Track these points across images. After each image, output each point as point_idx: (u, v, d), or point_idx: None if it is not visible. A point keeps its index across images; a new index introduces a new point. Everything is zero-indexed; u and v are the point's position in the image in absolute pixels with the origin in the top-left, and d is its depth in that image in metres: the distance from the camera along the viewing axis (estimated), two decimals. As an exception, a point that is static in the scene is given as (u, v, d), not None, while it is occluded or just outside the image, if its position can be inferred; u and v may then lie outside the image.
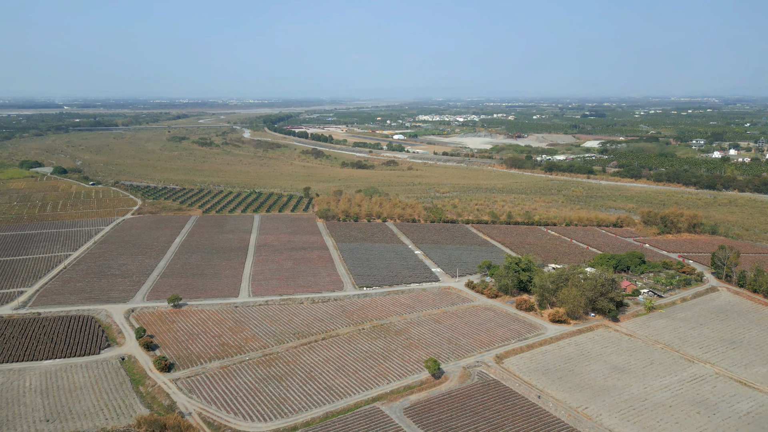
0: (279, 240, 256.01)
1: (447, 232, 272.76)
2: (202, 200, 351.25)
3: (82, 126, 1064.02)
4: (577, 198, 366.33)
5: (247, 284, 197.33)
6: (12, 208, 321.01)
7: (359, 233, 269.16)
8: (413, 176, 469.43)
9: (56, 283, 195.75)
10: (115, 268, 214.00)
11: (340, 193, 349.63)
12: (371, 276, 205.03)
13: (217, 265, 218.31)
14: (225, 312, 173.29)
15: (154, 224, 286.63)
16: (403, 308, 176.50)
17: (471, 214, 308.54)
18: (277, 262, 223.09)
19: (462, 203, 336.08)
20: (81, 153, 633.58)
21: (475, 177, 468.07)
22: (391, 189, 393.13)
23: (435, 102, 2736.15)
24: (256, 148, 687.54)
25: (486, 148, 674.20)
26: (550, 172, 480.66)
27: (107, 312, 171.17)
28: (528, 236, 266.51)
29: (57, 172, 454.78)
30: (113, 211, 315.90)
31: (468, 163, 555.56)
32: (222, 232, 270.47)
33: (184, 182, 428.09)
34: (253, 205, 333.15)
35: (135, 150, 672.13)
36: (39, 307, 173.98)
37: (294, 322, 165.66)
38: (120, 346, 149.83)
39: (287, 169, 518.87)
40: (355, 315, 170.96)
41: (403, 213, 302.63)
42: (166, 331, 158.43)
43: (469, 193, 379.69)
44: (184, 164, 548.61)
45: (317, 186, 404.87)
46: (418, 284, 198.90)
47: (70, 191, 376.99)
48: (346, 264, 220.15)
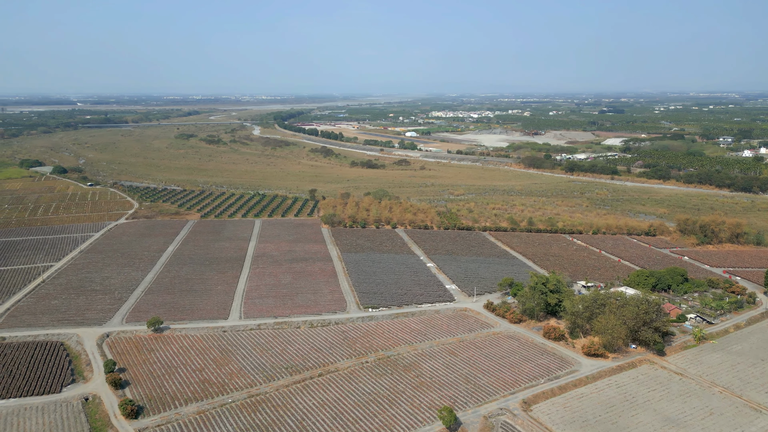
0: (279, 249, 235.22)
1: (462, 241, 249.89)
2: (203, 203, 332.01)
3: (92, 123, 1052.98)
4: (602, 201, 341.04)
5: (240, 303, 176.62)
6: (1, 212, 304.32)
7: (366, 242, 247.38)
8: (426, 176, 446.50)
9: (30, 300, 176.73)
10: (97, 282, 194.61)
11: (348, 196, 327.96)
12: (378, 294, 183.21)
13: (209, 279, 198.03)
14: (211, 338, 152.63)
15: (148, 230, 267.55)
16: (413, 335, 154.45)
17: (488, 219, 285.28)
18: (274, 275, 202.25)
19: (478, 207, 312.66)
20: (86, 151, 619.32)
21: (491, 177, 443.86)
22: (402, 191, 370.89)
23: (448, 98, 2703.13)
24: (264, 146, 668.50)
25: (502, 145, 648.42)
26: (571, 172, 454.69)
27: (79, 337, 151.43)
28: (552, 246, 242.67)
29: (56, 172, 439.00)
30: (107, 215, 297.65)
31: (483, 162, 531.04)
32: (218, 240, 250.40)
33: (186, 182, 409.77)
34: (255, 209, 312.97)
35: (141, 148, 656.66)
36: (5, 330, 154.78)
37: (288, 352, 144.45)
38: (86, 383, 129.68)
39: (294, 168, 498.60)
40: (358, 343, 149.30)
41: (415, 218, 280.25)
42: (141, 363, 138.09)
43: (486, 196, 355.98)
44: (188, 163, 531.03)
45: (324, 187, 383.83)
46: (431, 305, 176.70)
47: (66, 192, 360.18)
48: (350, 279, 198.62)
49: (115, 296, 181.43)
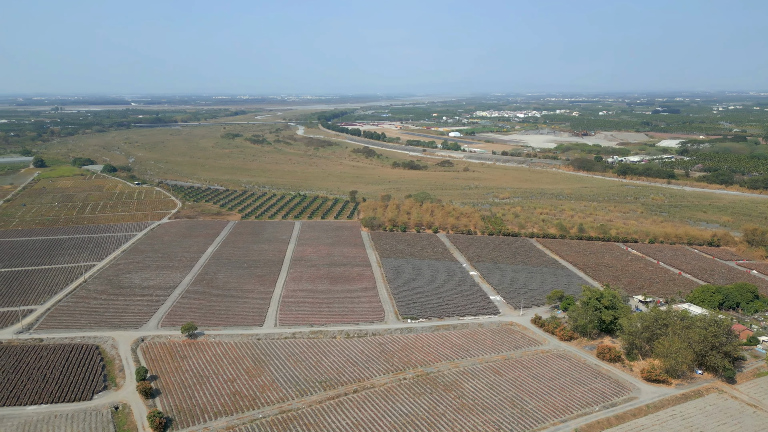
0: (317, 253, 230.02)
1: (508, 248, 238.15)
2: (244, 203, 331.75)
3: (143, 122, 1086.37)
4: (659, 207, 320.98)
5: (275, 309, 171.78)
6: (51, 209, 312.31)
7: (407, 246, 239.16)
8: (469, 178, 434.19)
9: (70, 301, 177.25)
10: (136, 283, 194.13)
11: (388, 198, 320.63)
12: (418, 304, 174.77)
13: (246, 283, 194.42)
14: (245, 346, 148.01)
15: (189, 230, 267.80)
16: (454, 351, 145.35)
17: (535, 225, 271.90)
18: (312, 280, 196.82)
19: (525, 212, 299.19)
20: (136, 150, 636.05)
21: (539, 180, 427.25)
22: (445, 193, 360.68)
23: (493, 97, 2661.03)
24: (307, 146, 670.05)
25: (549, 146, 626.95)
26: (624, 175, 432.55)
27: (114, 341, 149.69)
28: (605, 255, 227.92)
29: (106, 171, 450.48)
30: (151, 215, 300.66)
31: (530, 164, 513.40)
32: (258, 242, 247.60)
33: (229, 182, 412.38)
34: (296, 210, 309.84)
35: (188, 147, 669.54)
36: (43, 332, 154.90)
37: (322, 364, 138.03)
38: (117, 390, 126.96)
39: (336, 168, 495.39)
40: (395, 358, 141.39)
41: (458, 223, 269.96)
42: (173, 371, 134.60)
43: (533, 199, 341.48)
44: (233, 162, 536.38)
45: (365, 188, 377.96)
46: (474, 317, 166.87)
47: (113, 191, 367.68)
48: (389, 286, 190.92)
49: (153, 298, 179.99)
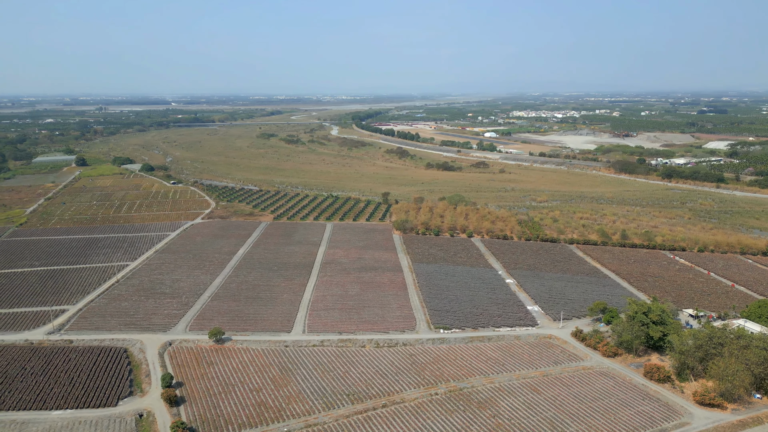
0: (348, 256, 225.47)
1: (546, 255, 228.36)
2: (276, 204, 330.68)
3: (182, 122, 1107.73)
4: (708, 213, 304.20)
5: (304, 315, 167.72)
6: (90, 208, 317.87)
7: (440, 251, 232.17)
8: (505, 180, 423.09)
9: (102, 302, 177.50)
10: (167, 284, 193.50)
11: (422, 200, 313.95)
12: (451, 312, 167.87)
13: (276, 287, 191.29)
14: (272, 353, 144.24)
15: (222, 231, 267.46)
16: (489, 365, 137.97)
17: (575, 230, 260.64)
18: (342, 285, 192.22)
19: (564, 216, 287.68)
20: (173, 149, 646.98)
21: (578, 182, 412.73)
22: (480, 195, 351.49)
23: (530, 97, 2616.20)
24: (340, 147, 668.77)
25: (589, 148, 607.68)
26: (669, 178, 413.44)
27: (142, 344, 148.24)
28: (650, 265, 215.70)
29: (144, 170, 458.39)
30: (185, 214, 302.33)
31: (569, 166, 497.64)
32: (289, 244, 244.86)
33: (263, 182, 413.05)
34: (328, 212, 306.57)
35: (224, 147, 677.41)
36: (74, 333, 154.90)
37: (350, 375, 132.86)
38: (142, 396, 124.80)
39: (369, 169, 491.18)
40: (427, 370, 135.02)
41: (493, 227, 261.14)
42: (199, 378, 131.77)
43: (572, 203, 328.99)
44: (267, 162, 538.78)
45: (398, 190, 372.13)
46: (510, 328, 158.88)
47: (150, 190, 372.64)
48: (421, 293, 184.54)
49: (182, 301, 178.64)
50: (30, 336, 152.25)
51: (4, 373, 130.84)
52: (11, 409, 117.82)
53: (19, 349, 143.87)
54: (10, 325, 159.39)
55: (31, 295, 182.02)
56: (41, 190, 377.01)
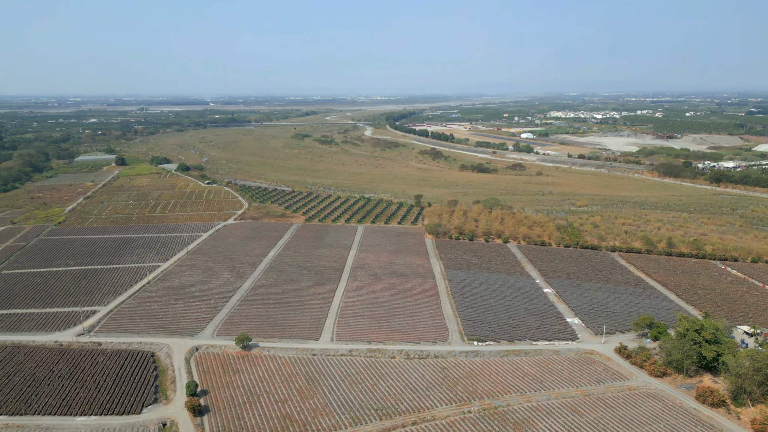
0: (379, 260, 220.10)
1: (587, 263, 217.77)
2: (308, 205, 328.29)
3: (219, 122, 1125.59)
4: (761, 221, 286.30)
5: (333, 321, 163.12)
6: (126, 207, 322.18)
7: (474, 257, 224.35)
8: (543, 183, 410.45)
9: (132, 303, 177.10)
10: (197, 287, 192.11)
11: (455, 203, 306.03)
12: (485, 323, 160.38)
13: (305, 291, 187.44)
14: (299, 362, 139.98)
15: (253, 232, 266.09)
16: (526, 381, 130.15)
17: (617, 238, 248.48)
18: (372, 291, 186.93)
19: (605, 222, 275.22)
20: (210, 149, 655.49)
21: (619, 186, 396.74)
22: (516, 199, 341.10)
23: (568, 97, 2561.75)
24: (373, 147, 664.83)
25: (631, 150, 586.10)
26: (717, 183, 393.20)
27: (169, 349, 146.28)
28: (700, 276, 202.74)
29: (180, 169, 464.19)
30: (218, 215, 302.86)
31: (609, 169, 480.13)
32: (319, 246, 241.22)
33: (295, 183, 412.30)
34: (359, 214, 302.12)
35: (259, 147, 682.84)
36: (103, 335, 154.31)
37: (379, 388, 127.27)
38: (167, 404, 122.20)
39: (402, 171, 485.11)
40: (460, 386, 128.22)
41: (530, 233, 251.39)
42: (224, 386, 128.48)
43: (613, 208, 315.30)
44: (300, 163, 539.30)
45: (431, 192, 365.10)
46: (549, 342, 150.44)
47: (185, 190, 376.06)
48: (454, 301, 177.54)
49: (211, 304, 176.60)
50: (60, 337, 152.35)
51: (33, 376, 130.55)
52: (37, 413, 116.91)
53: (49, 351, 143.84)
54: (41, 325, 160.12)
55: (64, 295, 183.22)
56: (81, 189, 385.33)
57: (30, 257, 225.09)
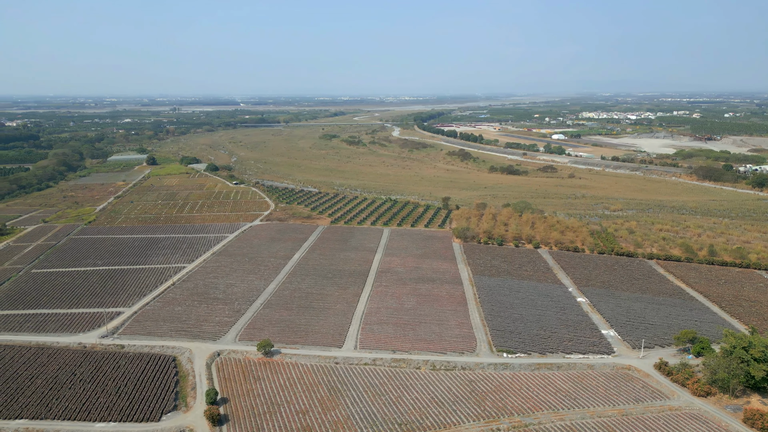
0: (405, 265, 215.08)
1: (622, 271, 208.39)
2: (334, 207, 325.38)
3: (249, 123, 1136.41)
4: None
5: (357, 328, 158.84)
6: (155, 207, 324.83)
7: (503, 263, 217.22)
8: (575, 186, 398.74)
9: (156, 305, 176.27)
10: (220, 289, 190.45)
11: (484, 206, 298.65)
12: (515, 334, 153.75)
13: (329, 296, 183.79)
14: (321, 371, 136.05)
15: (279, 234, 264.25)
16: (559, 398, 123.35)
17: (654, 244, 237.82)
18: (397, 297, 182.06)
19: (641, 228, 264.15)
20: (239, 149, 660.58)
21: (656, 190, 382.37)
22: (547, 202, 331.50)
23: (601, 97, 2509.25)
24: (401, 148, 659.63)
25: (667, 152, 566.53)
26: (761, 187, 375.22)
27: (191, 353, 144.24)
28: (744, 287, 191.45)
29: (209, 169, 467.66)
30: (244, 216, 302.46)
31: (645, 171, 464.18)
32: (345, 249, 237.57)
33: (322, 184, 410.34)
34: (386, 216, 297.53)
35: (287, 147, 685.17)
36: (126, 337, 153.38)
37: (404, 401, 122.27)
38: (186, 412, 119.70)
39: (429, 172, 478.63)
40: (488, 401, 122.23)
41: (562, 238, 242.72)
42: (245, 394, 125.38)
43: (650, 213, 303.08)
44: (327, 164, 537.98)
45: (459, 194, 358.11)
46: (582, 355, 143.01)
47: (213, 190, 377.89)
48: (482, 309, 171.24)
49: (234, 308, 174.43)
50: (84, 339, 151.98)
51: (55, 378, 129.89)
52: (57, 417, 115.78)
53: (72, 353, 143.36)
54: (66, 326, 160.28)
55: (90, 296, 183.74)
56: (112, 188, 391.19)
57: (59, 256, 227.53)
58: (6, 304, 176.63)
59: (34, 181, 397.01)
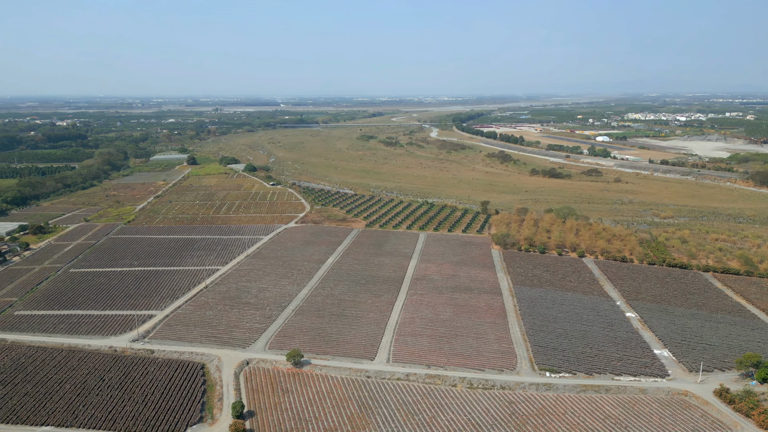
0: (441, 272, 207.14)
1: (675, 284, 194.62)
2: (370, 210, 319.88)
3: (288, 123, 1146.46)
4: None
5: (390, 340, 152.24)
6: (192, 207, 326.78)
7: (545, 273, 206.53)
8: (621, 191, 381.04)
9: (188, 308, 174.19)
10: (252, 293, 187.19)
11: (525, 211, 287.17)
12: (559, 351, 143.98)
13: (362, 303, 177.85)
14: (352, 384, 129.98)
15: (313, 237, 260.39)
16: (608, 425, 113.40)
17: (710, 255, 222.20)
18: (432, 307, 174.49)
19: (695, 237, 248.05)
20: (277, 149, 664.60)
21: (710, 196, 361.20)
22: (592, 208, 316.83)
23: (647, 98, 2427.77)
24: (439, 149, 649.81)
25: (721, 156, 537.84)
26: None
27: (219, 362, 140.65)
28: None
29: (247, 170, 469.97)
30: (279, 217, 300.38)
31: (697, 176, 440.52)
32: (379, 254, 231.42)
33: (358, 186, 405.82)
34: (422, 220, 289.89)
35: (324, 148, 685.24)
36: (156, 342, 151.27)
37: (438, 422, 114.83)
38: (211, 425, 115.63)
39: (468, 174, 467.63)
40: (529, 425, 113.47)
41: (609, 247, 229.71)
42: (272, 408, 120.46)
43: (704, 221, 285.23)
44: (364, 165, 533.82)
45: (498, 198, 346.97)
46: (633, 378, 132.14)
47: (250, 191, 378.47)
48: (523, 323, 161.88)
49: (266, 313, 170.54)
50: (115, 342, 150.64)
51: (83, 384, 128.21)
52: (82, 426, 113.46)
53: (102, 357, 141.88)
54: (99, 328, 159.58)
55: (124, 297, 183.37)
56: (153, 187, 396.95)
57: (98, 256, 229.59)
58: (43, 303, 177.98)
59: (78, 180, 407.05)
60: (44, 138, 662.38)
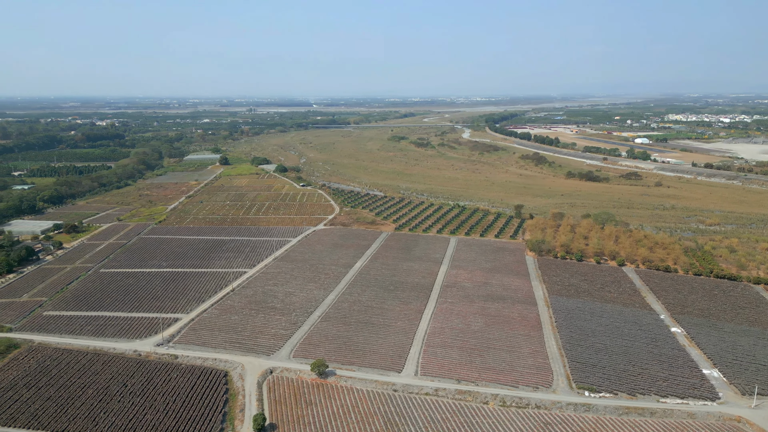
0: (472, 279, 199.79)
1: (724, 297, 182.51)
2: (400, 212, 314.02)
3: (320, 124, 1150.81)
4: None
5: (418, 351, 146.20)
6: (222, 207, 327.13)
7: (583, 282, 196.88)
8: (663, 196, 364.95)
9: (213, 312, 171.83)
10: (279, 298, 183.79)
11: (561, 216, 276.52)
12: (599, 368, 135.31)
13: (389, 311, 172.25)
14: (378, 398, 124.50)
15: (342, 239, 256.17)
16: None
17: (761, 266, 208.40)
18: (463, 316, 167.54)
19: (744, 246, 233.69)
20: (308, 150, 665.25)
21: (758, 203, 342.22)
22: (632, 213, 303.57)
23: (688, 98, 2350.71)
24: (471, 151, 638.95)
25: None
26: None
27: (243, 370, 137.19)
28: None
29: (278, 171, 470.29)
30: (308, 219, 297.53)
31: (744, 181, 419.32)
32: (408, 259, 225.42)
33: (388, 188, 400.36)
34: (453, 224, 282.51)
35: (355, 149, 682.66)
36: (181, 347, 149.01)
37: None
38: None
39: (501, 177, 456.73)
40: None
41: (651, 256, 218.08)
42: (295, 422, 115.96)
43: (753, 229, 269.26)
44: (395, 166, 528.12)
45: (533, 202, 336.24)
46: (681, 400, 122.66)
47: (280, 192, 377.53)
48: (559, 336, 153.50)
49: (291, 319, 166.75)
50: (140, 346, 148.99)
51: (106, 389, 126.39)
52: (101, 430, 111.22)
53: (126, 361, 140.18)
54: (125, 331, 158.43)
55: (151, 299, 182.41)
56: (185, 187, 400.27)
57: (128, 256, 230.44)
58: (72, 304, 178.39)
59: (114, 179, 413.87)
60: (83, 137, 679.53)
